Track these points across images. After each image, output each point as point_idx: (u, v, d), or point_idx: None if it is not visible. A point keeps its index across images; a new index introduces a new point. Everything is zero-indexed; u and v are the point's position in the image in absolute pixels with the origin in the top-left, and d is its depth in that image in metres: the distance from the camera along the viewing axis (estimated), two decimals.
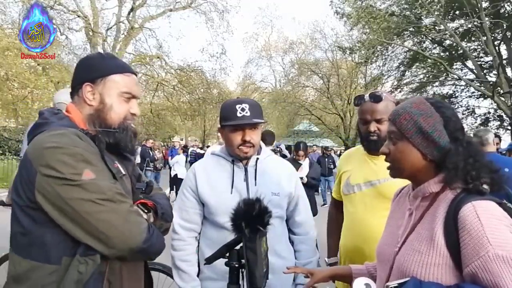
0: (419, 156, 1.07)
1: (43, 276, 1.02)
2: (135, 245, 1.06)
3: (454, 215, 0.97)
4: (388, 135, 1.14)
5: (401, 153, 1.09)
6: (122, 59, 1.70)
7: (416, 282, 0.95)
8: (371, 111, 1.71)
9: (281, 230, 1.75)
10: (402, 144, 1.09)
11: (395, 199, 1.29)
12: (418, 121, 1.05)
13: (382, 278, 1.15)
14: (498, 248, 0.89)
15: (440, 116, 1.05)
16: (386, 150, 1.14)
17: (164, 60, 18.40)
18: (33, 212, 1.03)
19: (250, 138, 1.65)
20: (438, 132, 1.04)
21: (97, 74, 1.19)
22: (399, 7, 16.41)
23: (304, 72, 23.03)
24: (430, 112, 1.06)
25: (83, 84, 1.19)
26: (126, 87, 1.21)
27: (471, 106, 17.82)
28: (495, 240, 0.89)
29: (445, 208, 1.01)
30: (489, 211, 0.94)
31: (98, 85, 1.18)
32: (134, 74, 1.28)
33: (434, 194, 1.07)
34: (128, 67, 1.27)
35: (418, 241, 1.03)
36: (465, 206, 0.96)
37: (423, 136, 1.05)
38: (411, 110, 1.08)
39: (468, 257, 0.92)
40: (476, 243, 0.91)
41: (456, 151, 1.03)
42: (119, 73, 1.21)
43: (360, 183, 1.76)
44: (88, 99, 1.18)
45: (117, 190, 1.07)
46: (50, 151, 1.02)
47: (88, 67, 1.22)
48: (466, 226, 0.93)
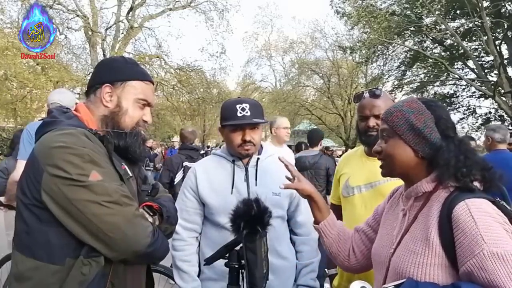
0: (411, 153, 1.08)
1: (46, 276, 1.02)
2: (139, 249, 1.06)
3: (448, 214, 0.97)
4: (381, 134, 1.16)
5: (393, 150, 1.11)
6: None
7: (412, 283, 0.95)
8: (370, 106, 1.70)
9: (282, 230, 1.75)
10: (394, 141, 1.11)
11: (389, 200, 1.29)
12: (409, 118, 1.07)
13: (378, 280, 1.15)
14: (493, 245, 0.89)
15: (431, 113, 1.08)
16: (378, 148, 1.16)
17: (163, 59, 18.37)
18: (38, 211, 1.03)
19: (250, 138, 1.65)
20: (429, 129, 1.06)
21: (119, 77, 1.21)
22: (399, 6, 16.40)
23: (305, 72, 23.05)
24: (421, 110, 1.08)
25: (103, 85, 1.20)
26: (143, 94, 1.24)
27: (472, 106, 17.82)
28: (489, 237, 0.90)
29: (438, 207, 1.02)
30: (482, 209, 0.95)
31: (117, 88, 1.21)
32: (152, 83, 1.30)
33: (427, 194, 1.07)
34: (148, 75, 1.30)
35: (413, 242, 1.04)
36: (459, 205, 0.96)
37: (414, 133, 1.07)
38: (403, 108, 1.10)
39: (463, 256, 0.92)
40: (471, 241, 0.91)
41: (447, 148, 1.04)
42: (139, 80, 1.24)
43: (360, 185, 1.75)
44: (106, 100, 1.20)
45: (123, 193, 1.07)
46: (57, 150, 1.02)
47: (111, 69, 1.24)
48: (460, 224, 0.94)
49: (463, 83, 16.35)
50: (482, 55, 16.41)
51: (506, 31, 13.57)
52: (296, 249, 1.79)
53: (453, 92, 17.78)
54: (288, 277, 1.72)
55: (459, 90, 17.68)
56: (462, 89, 17.52)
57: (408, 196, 1.13)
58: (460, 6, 14.53)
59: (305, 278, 1.74)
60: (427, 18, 15.04)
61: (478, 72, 14.75)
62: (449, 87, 17.75)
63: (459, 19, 14.78)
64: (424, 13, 14.29)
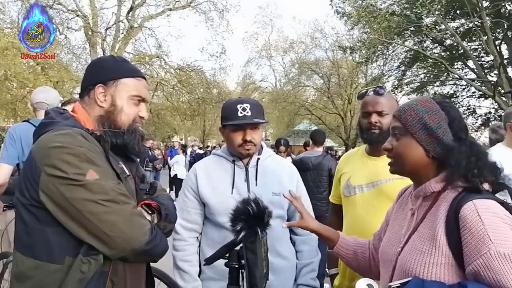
0: (422, 152, 1.08)
1: (46, 275, 1.03)
2: (137, 246, 1.06)
3: (455, 214, 0.97)
4: (392, 131, 1.15)
5: (404, 148, 1.10)
6: None
7: (418, 282, 0.95)
8: (374, 103, 1.69)
9: (282, 230, 1.73)
10: (406, 139, 1.10)
11: (398, 200, 1.29)
12: (423, 118, 1.07)
13: (385, 278, 1.16)
14: (500, 245, 0.89)
15: (445, 114, 1.07)
16: (389, 145, 1.15)
17: (163, 59, 18.37)
18: (37, 211, 1.04)
19: (251, 137, 1.65)
20: (443, 130, 1.06)
21: (110, 76, 1.21)
22: (399, 6, 16.38)
23: (305, 72, 23.02)
24: (435, 110, 1.08)
25: (95, 85, 1.20)
26: (136, 91, 1.24)
27: (472, 106, 17.81)
28: (497, 237, 0.90)
29: (446, 207, 1.01)
30: (490, 209, 0.95)
31: (110, 87, 1.21)
32: (144, 78, 1.30)
33: (436, 194, 1.07)
34: (139, 71, 1.31)
35: (420, 241, 1.04)
36: (466, 205, 0.96)
37: (427, 133, 1.06)
38: (417, 107, 1.09)
39: (470, 256, 0.92)
40: (478, 241, 0.91)
41: (459, 150, 1.04)
42: (131, 77, 1.24)
43: (362, 184, 1.74)
44: (100, 100, 1.20)
45: (121, 191, 1.08)
46: (54, 150, 1.03)
47: (102, 69, 1.24)
48: (467, 224, 0.94)
49: (463, 83, 16.35)
50: (482, 55, 16.39)
51: (506, 31, 13.57)
52: (296, 249, 1.79)
53: (453, 92, 17.77)
54: (288, 277, 1.72)
55: (459, 90, 17.67)
56: (462, 89, 17.51)
57: (417, 196, 1.13)
58: (460, 6, 14.52)
59: (305, 278, 1.74)
60: (427, 18, 15.03)
61: (478, 72, 14.74)
62: (449, 87, 17.75)
63: (459, 19, 14.75)
64: (424, 13, 14.28)
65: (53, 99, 2.82)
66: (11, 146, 2.54)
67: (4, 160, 2.54)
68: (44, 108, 2.56)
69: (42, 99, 2.75)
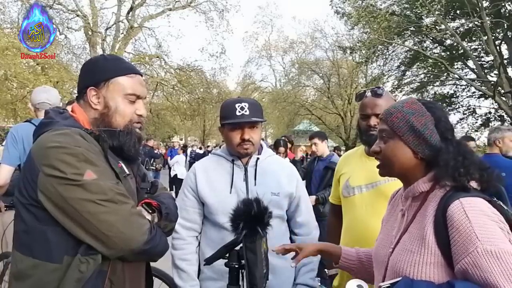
0: (410, 154, 1.09)
1: (45, 274, 1.03)
2: (136, 246, 1.06)
3: (443, 212, 0.98)
4: (380, 134, 1.16)
5: (392, 151, 1.11)
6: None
7: (408, 281, 0.95)
8: (372, 105, 1.69)
9: (282, 230, 1.75)
10: (394, 142, 1.10)
11: (391, 202, 1.30)
12: (410, 120, 1.07)
13: (378, 279, 1.16)
14: (487, 243, 0.89)
15: (431, 115, 1.08)
16: (377, 148, 1.15)
17: (163, 59, 18.35)
18: (36, 210, 1.04)
19: (249, 136, 1.65)
20: (430, 131, 1.06)
21: (100, 77, 1.19)
22: (399, 6, 16.38)
23: (305, 72, 23.00)
24: (421, 111, 1.09)
25: (87, 89, 1.19)
26: (130, 89, 1.21)
27: (472, 106, 17.79)
28: (483, 235, 0.90)
29: (434, 206, 1.02)
30: (476, 207, 0.95)
31: (101, 88, 1.19)
32: (139, 74, 1.27)
33: (425, 194, 1.08)
34: (132, 68, 1.27)
35: (410, 241, 1.04)
36: (453, 203, 0.97)
37: (414, 134, 1.07)
38: (403, 109, 1.10)
39: (458, 254, 0.92)
40: (465, 239, 0.91)
41: (447, 150, 1.05)
42: (123, 75, 1.21)
43: (361, 185, 1.74)
44: (93, 103, 1.19)
45: (119, 191, 1.07)
46: (52, 150, 1.03)
47: (91, 71, 1.22)
48: (454, 223, 0.94)
49: (463, 83, 16.33)
50: (482, 55, 16.39)
51: (506, 31, 13.57)
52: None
53: (453, 92, 17.75)
54: (288, 277, 1.72)
55: (459, 90, 17.65)
56: (462, 89, 17.49)
57: (406, 197, 1.14)
58: (460, 6, 14.52)
59: (304, 277, 1.74)
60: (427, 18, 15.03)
61: (478, 72, 14.73)
62: (449, 87, 17.73)
63: (459, 19, 14.75)
64: (424, 13, 14.28)
65: (55, 98, 2.81)
66: (13, 146, 2.54)
67: (5, 161, 2.54)
68: (47, 108, 2.55)
69: (44, 99, 2.74)
